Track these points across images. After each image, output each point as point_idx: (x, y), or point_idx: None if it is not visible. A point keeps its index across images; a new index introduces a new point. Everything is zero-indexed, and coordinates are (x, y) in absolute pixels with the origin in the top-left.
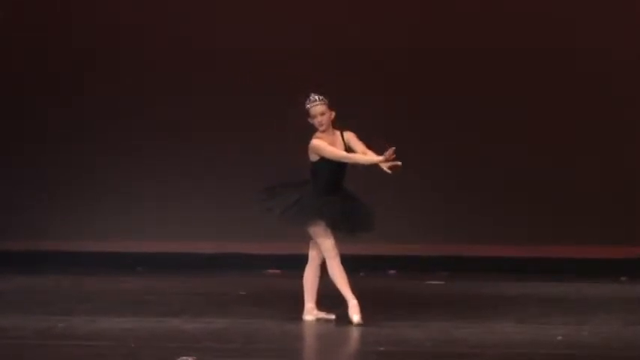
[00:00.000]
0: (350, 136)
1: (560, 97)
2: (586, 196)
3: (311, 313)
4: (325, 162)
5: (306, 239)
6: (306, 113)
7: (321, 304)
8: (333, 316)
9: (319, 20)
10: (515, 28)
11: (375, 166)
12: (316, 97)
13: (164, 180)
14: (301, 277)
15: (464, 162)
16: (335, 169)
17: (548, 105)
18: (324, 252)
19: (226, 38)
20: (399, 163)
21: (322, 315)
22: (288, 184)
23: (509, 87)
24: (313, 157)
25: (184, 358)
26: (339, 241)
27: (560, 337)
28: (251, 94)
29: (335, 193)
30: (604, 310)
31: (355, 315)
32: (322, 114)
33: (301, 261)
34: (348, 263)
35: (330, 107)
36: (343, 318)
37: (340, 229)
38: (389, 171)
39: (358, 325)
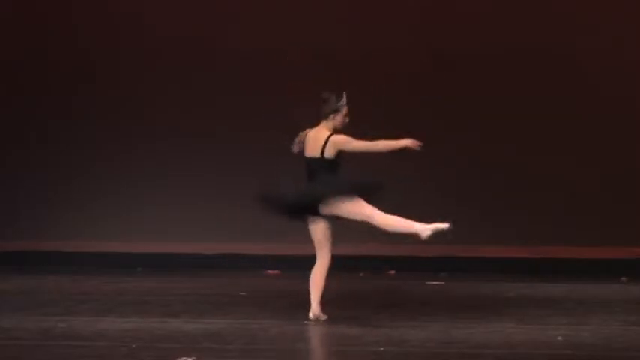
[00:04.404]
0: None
1: (560, 96)
2: (586, 196)
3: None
4: (341, 158)
5: (306, 239)
6: (336, 110)
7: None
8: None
9: (320, 20)
10: (515, 27)
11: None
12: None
13: (164, 180)
14: (300, 277)
15: (464, 162)
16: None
17: (549, 105)
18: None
19: (226, 38)
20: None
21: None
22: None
23: (509, 87)
24: (330, 154)
25: (184, 358)
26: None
27: (560, 338)
28: (251, 94)
29: None
30: (604, 310)
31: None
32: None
33: (301, 261)
34: (349, 263)
35: None
36: (343, 319)
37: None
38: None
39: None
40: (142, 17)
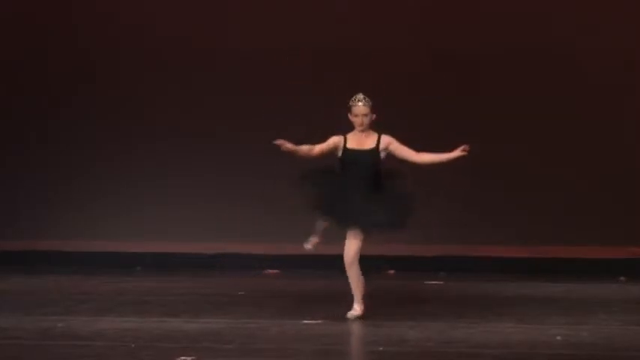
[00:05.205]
0: (389, 140)
1: (560, 96)
2: (586, 196)
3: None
4: (341, 163)
5: (304, 239)
6: (348, 109)
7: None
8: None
9: (320, 20)
10: (515, 27)
11: None
12: (361, 97)
13: (164, 180)
14: (301, 277)
15: (463, 162)
16: (346, 168)
17: (549, 105)
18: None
19: (226, 38)
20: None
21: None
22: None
23: (509, 87)
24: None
25: (184, 358)
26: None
27: (559, 337)
28: (251, 94)
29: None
30: (604, 310)
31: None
32: (365, 115)
33: (301, 261)
34: None
35: (373, 110)
36: (343, 319)
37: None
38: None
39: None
40: (141, 17)
